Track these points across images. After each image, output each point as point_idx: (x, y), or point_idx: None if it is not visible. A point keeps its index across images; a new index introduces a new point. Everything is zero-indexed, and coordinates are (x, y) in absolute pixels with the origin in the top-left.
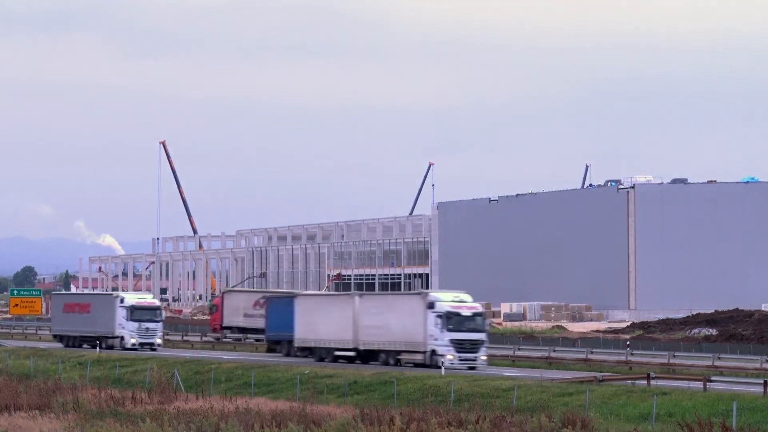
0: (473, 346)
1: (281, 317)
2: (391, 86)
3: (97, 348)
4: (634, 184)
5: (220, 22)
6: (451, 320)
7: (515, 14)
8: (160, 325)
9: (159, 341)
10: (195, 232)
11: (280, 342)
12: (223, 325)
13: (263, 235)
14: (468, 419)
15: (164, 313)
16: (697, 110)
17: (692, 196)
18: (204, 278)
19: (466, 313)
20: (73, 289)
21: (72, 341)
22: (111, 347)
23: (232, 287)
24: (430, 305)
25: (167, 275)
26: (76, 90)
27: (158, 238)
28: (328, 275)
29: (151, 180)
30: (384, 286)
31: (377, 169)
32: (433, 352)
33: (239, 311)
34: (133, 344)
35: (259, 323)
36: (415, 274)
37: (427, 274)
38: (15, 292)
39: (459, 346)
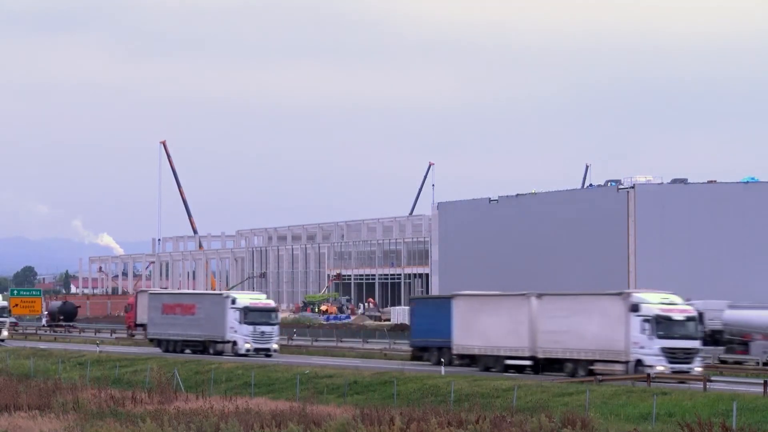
0: (687, 355)
1: (431, 320)
2: (391, 86)
3: (210, 352)
4: (634, 184)
5: (221, 22)
6: (661, 325)
7: (515, 14)
8: (276, 329)
9: (275, 346)
10: (195, 232)
11: (427, 349)
12: (137, 322)
13: (263, 235)
14: (468, 419)
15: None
16: (697, 110)
17: (692, 196)
18: (204, 278)
19: (678, 317)
20: (74, 290)
21: (173, 346)
22: (220, 353)
23: (232, 287)
24: (634, 307)
25: (167, 275)
26: (76, 90)
27: (158, 238)
28: (328, 275)
29: (151, 180)
30: (384, 286)
31: (377, 169)
32: (638, 362)
33: None
34: (248, 350)
35: None
36: (415, 274)
37: (427, 274)
38: (15, 292)
39: (671, 355)
